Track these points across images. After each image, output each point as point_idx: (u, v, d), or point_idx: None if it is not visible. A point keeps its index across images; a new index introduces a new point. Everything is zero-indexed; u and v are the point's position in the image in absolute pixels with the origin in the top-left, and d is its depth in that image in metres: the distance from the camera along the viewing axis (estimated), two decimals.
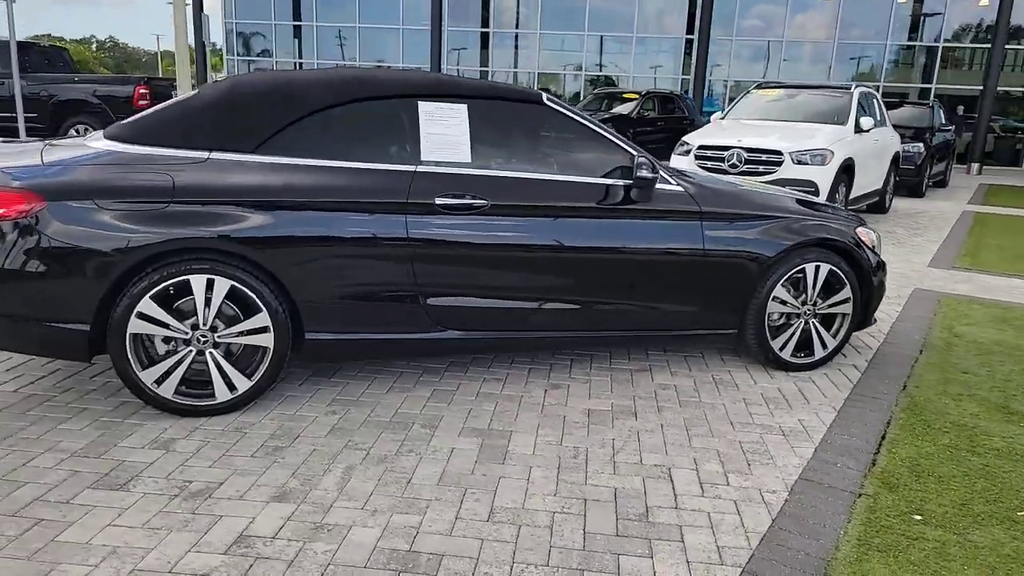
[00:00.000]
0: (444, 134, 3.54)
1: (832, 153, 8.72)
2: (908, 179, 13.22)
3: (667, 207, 3.80)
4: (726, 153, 9.00)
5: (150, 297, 3.13)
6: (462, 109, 3.60)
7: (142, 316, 3.14)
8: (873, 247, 4.29)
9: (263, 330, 3.30)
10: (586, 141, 3.81)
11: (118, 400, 3.45)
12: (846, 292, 4.16)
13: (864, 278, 4.21)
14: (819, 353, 4.22)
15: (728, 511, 2.73)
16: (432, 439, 3.19)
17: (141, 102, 14.73)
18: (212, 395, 3.31)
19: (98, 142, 3.35)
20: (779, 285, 4.02)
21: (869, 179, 10.04)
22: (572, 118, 3.78)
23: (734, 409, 3.65)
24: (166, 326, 3.19)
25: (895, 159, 11.51)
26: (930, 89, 23.53)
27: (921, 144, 13.53)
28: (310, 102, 3.41)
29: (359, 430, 3.25)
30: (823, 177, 8.60)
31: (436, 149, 3.52)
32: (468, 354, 4.00)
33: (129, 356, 3.16)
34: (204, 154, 3.24)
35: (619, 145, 3.80)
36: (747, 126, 9.55)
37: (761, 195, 4.20)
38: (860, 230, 4.26)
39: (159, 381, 3.24)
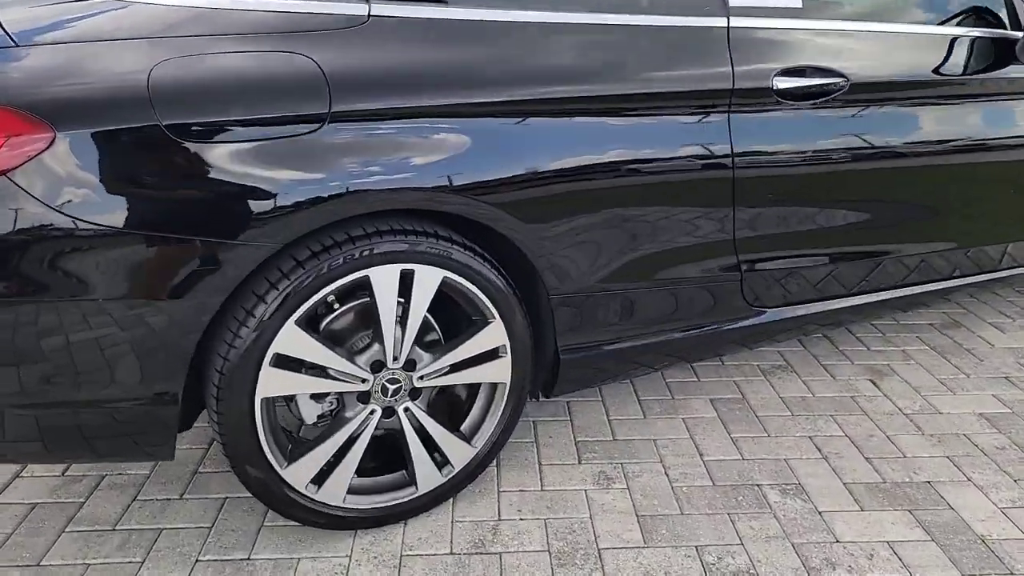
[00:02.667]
0: None
1: None
2: None
3: None
4: None
5: (296, 321, 1.50)
6: None
7: (282, 361, 1.52)
8: None
9: (492, 355, 1.74)
10: None
11: (201, 499, 1.85)
12: None
13: None
14: None
15: None
16: (830, 521, 1.78)
17: None
18: (411, 483, 1.75)
19: None
20: None
21: None
22: None
23: None
24: (324, 372, 1.58)
25: None
26: None
27: None
28: None
29: (689, 519, 1.80)
30: None
31: None
32: (775, 343, 2.48)
33: (263, 441, 1.55)
34: (360, 6, 1.53)
35: None
36: None
37: None
38: None
39: (319, 480, 1.65)
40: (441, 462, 1.77)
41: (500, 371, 1.75)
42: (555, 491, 1.89)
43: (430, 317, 1.71)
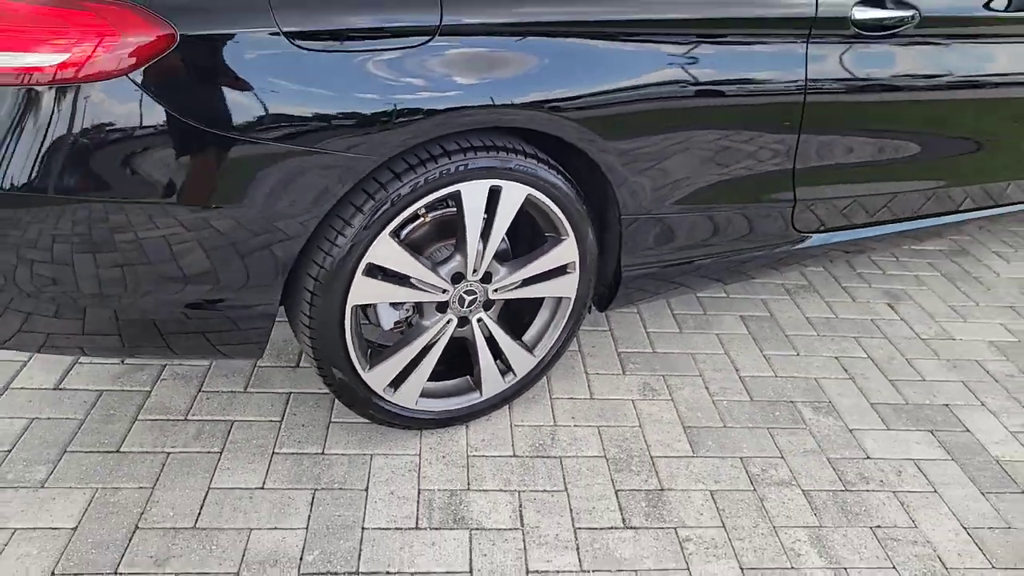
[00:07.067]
0: None
1: None
2: None
3: None
4: None
5: (391, 233, 1.51)
6: None
7: (374, 270, 1.55)
8: None
9: (562, 270, 1.79)
10: None
11: (266, 393, 1.90)
12: None
13: None
14: None
15: None
16: (860, 439, 1.92)
17: None
18: (475, 389, 1.83)
19: None
20: None
21: None
22: None
23: None
24: (407, 282, 1.61)
25: None
26: None
27: None
28: None
29: (732, 432, 1.92)
30: None
31: None
32: (809, 265, 2.52)
33: (350, 346, 1.60)
34: None
35: None
36: None
37: None
38: None
39: (396, 384, 1.71)
40: (504, 370, 1.85)
41: (567, 286, 1.81)
42: (604, 400, 1.99)
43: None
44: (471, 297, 1.70)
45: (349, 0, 1.33)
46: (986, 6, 2.11)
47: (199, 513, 1.56)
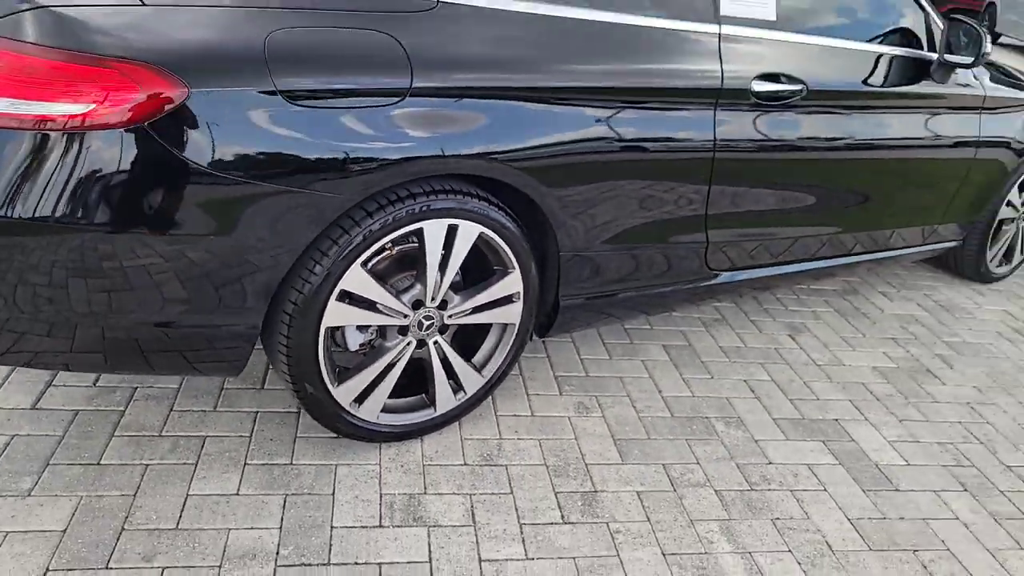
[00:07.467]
0: None
1: None
2: None
3: (959, 91, 2.84)
4: None
5: (361, 264, 1.73)
6: None
7: (345, 297, 1.75)
8: None
9: (508, 300, 2.03)
10: None
11: (234, 412, 2.06)
12: None
13: None
14: (1016, 260, 3.65)
15: None
16: (764, 447, 2.21)
17: None
18: (429, 405, 2.04)
19: None
20: (1015, 186, 3.31)
21: None
22: None
23: None
24: (373, 307, 1.82)
25: None
26: None
27: None
28: None
29: (655, 443, 2.18)
30: None
31: None
32: (722, 300, 2.83)
33: (322, 364, 1.79)
34: None
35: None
36: None
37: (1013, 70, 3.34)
38: None
39: (360, 399, 1.91)
40: (455, 388, 2.06)
41: (512, 314, 2.05)
42: (543, 417, 2.22)
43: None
44: (429, 322, 1.92)
45: (336, 65, 1.56)
46: (864, 82, 2.51)
47: (180, 516, 1.71)
